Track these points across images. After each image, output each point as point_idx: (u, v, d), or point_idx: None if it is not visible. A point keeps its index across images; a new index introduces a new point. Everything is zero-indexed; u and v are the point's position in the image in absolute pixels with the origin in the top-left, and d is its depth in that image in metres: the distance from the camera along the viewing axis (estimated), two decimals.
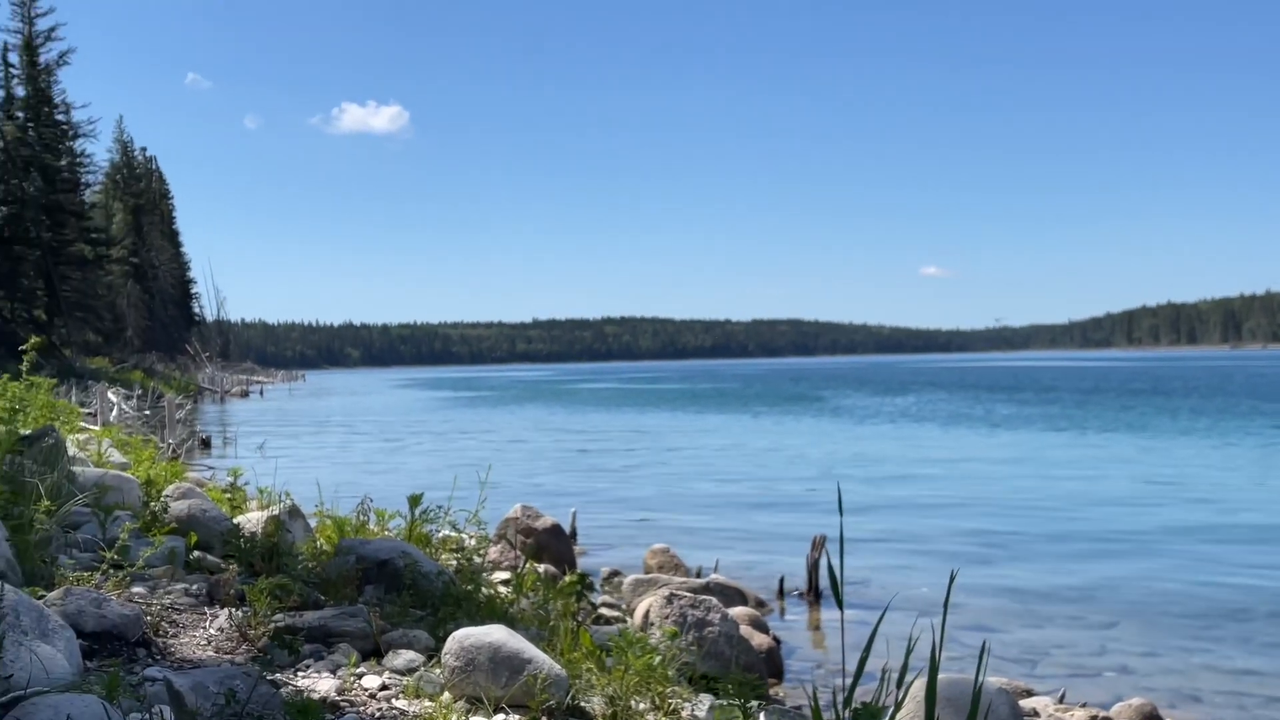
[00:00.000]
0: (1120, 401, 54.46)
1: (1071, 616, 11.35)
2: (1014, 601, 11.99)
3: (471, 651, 5.39)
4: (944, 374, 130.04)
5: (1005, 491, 21.36)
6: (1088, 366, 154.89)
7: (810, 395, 72.47)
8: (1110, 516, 18.01)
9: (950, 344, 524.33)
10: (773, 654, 8.81)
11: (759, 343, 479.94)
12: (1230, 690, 8.87)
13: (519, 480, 23.51)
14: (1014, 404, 55.74)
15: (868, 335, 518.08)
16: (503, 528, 12.35)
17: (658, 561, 12.31)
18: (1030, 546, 15.44)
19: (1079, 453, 29.45)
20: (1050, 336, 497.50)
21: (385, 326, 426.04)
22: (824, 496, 20.72)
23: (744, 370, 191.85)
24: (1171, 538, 15.98)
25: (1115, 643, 10.31)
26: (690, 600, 7.57)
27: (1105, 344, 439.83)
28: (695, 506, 19.74)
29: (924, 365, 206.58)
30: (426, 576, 7.35)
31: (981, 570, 13.71)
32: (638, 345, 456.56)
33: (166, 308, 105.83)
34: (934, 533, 16.62)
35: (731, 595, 10.52)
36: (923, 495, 20.88)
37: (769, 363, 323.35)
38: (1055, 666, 9.56)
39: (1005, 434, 36.20)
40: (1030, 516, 18.12)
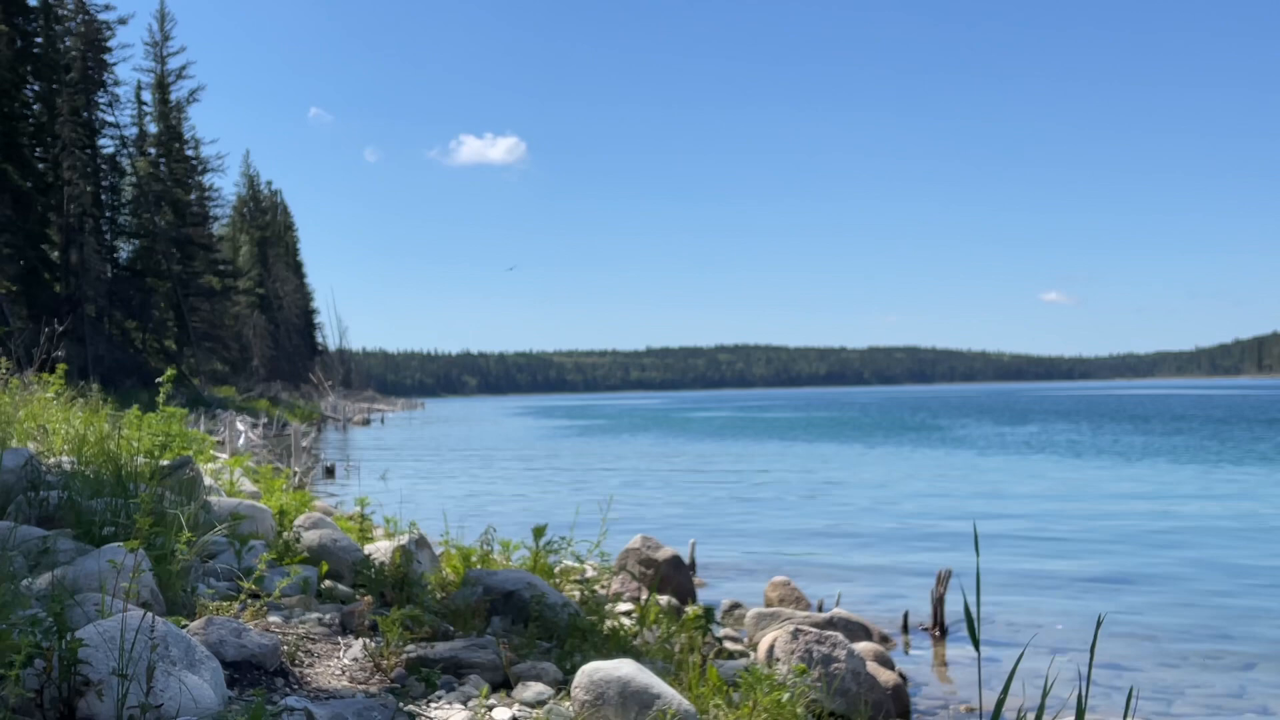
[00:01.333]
0: (1254, 432, 52.73)
1: (1207, 655, 11.00)
2: (1146, 639, 11.66)
3: (601, 685, 5.42)
4: (1067, 402, 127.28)
5: (1134, 525, 20.81)
6: (1217, 394, 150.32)
7: (929, 425, 71.46)
8: (1245, 552, 17.44)
9: (1073, 371, 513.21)
10: (899, 691, 8.68)
11: (874, 370, 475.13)
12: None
13: (637, 510, 23.57)
14: (1141, 433, 54.32)
15: (986, 363, 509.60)
16: (623, 558, 12.38)
17: (778, 594, 12.23)
18: (1161, 582, 15.01)
19: (1210, 485, 28.58)
20: (1177, 364, 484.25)
21: (501, 355, 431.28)
22: (946, 529, 20.42)
23: (860, 398, 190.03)
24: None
25: (1254, 684, 9.97)
26: (816, 636, 7.51)
27: (1235, 371, 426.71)
28: (814, 538, 19.58)
29: (1046, 393, 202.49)
30: (552, 608, 7.40)
31: (1111, 605, 13.36)
32: (751, 373, 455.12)
33: (291, 337, 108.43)
34: (1061, 567, 16.25)
35: (855, 630, 10.40)
36: (1048, 528, 20.44)
37: (885, 390, 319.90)
38: (1192, 707, 9.27)
39: (1132, 464, 35.29)
40: (1161, 551, 17.63)
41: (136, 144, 67.81)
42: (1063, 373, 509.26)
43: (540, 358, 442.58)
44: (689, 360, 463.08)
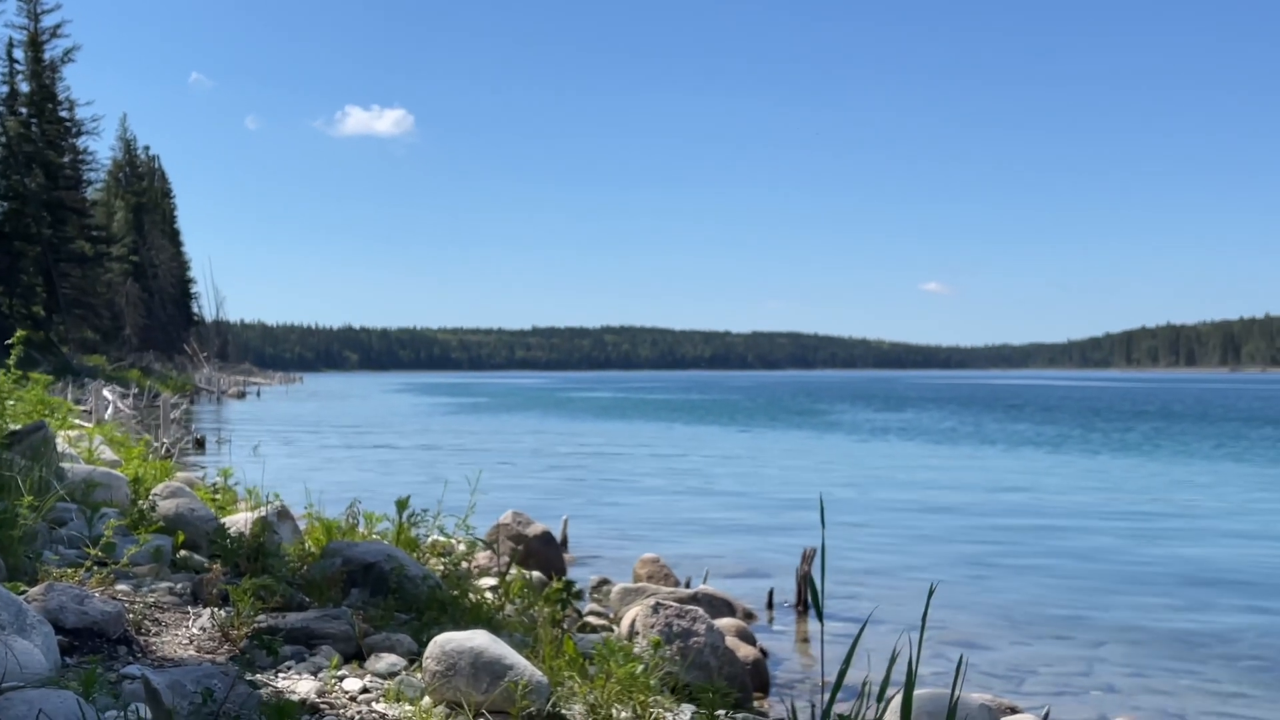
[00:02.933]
0: (1123, 423, 54.44)
1: (1060, 635, 11.34)
2: (1003, 619, 11.97)
3: (453, 656, 5.38)
4: (944, 390, 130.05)
5: (1001, 509, 21.35)
6: (1087, 386, 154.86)
7: (810, 409, 72.48)
8: (1104, 538, 18.00)
9: (950, 360, 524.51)
10: (759, 666, 8.80)
11: (758, 355, 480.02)
12: (1216, 712, 8.85)
13: (513, 488, 23.50)
14: (1013, 422, 55.74)
15: (867, 350, 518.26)
16: (493, 534, 12.34)
17: (647, 571, 12.29)
18: (1022, 565, 15.43)
19: (1075, 473, 29.45)
20: (1050, 355, 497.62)
21: (384, 330, 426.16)
22: (817, 511, 20.70)
23: (743, 382, 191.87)
24: (1164, 561, 15.97)
25: (1102, 663, 10.29)
26: (676, 610, 7.56)
27: (1104, 364, 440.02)
28: (690, 518, 19.73)
29: (924, 381, 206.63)
30: (412, 580, 7.34)
31: (972, 587, 13.71)
32: (637, 354, 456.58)
33: (165, 307, 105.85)
34: (928, 548, 16.61)
35: (719, 606, 10.50)
36: (919, 512, 20.87)
37: (768, 375, 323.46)
38: (1041, 684, 9.54)
39: (1002, 452, 36.19)
40: (1024, 535, 18.11)
41: (7, 103, 65.52)
42: (940, 361, 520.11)
43: (424, 334, 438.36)
44: (575, 340, 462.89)
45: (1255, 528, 19.17)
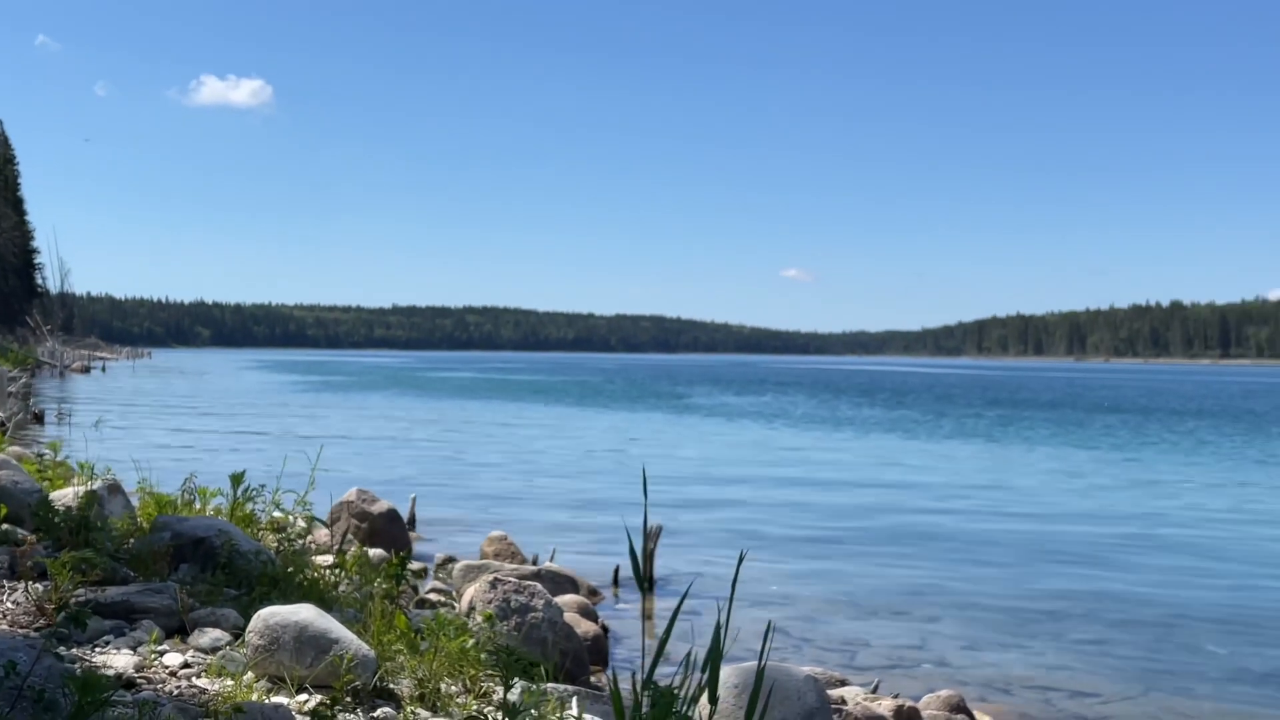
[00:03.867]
0: (973, 409, 55.98)
1: (897, 611, 11.64)
2: (843, 595, 12.25)
3: (276, 630, 5.29)
4: (803, 375, 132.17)
5: (849, 490, 21.81)
6: (940, 373, 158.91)
7: (669, 391, 73.00)
8: (944, 517, 18.51)
9: (808, 346, 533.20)
10: (599, 641, 8.85)
11: (621, 337, 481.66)
12: (1040, 684, 9.18)
13: (364, 466, 23.22)
14: (867, 407, 56.93)
15: (728, 334, 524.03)
16: (337, 511, 12.16)
17: (494, 549, 12.26)
18: (865, 543, 15.79)
19: (923, 456, 30.22)
20: (904, 342, 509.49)
21: (238, 306, 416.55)
22: (674, 491, 20.91)
23: (605, 364, 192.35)
24: (1002, 540, 16.48)
25: (936, 637, 10.60)
26: (514, 586, 7.56)
27: (956, 352, 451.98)
28: (544, 497, 19.73)
29: (783, 366, 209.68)
30: (244, 556, 7.19)
31: (818, 565, 13.99)
32: (499, 335, 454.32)
33: (6, 278, 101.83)
34: (778, 527, 16.88)
35: (563, 583, 10.53)
36: (772, 491, 21.20)
37: (631, 358, 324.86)
38: (875, 658, 9.79)
39: (855, 434, 36.96)
40: (870, 515, 18.52)
41: None
42: (799, 347, 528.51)
43: (279, 311, 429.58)
44: (436, 320, 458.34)
45: (1092, 508, 19.89)
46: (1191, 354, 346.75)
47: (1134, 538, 16.67)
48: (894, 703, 7.14)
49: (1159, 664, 9.86)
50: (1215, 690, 9.13)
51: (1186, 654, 10.21)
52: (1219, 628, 11.22)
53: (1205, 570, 14.31)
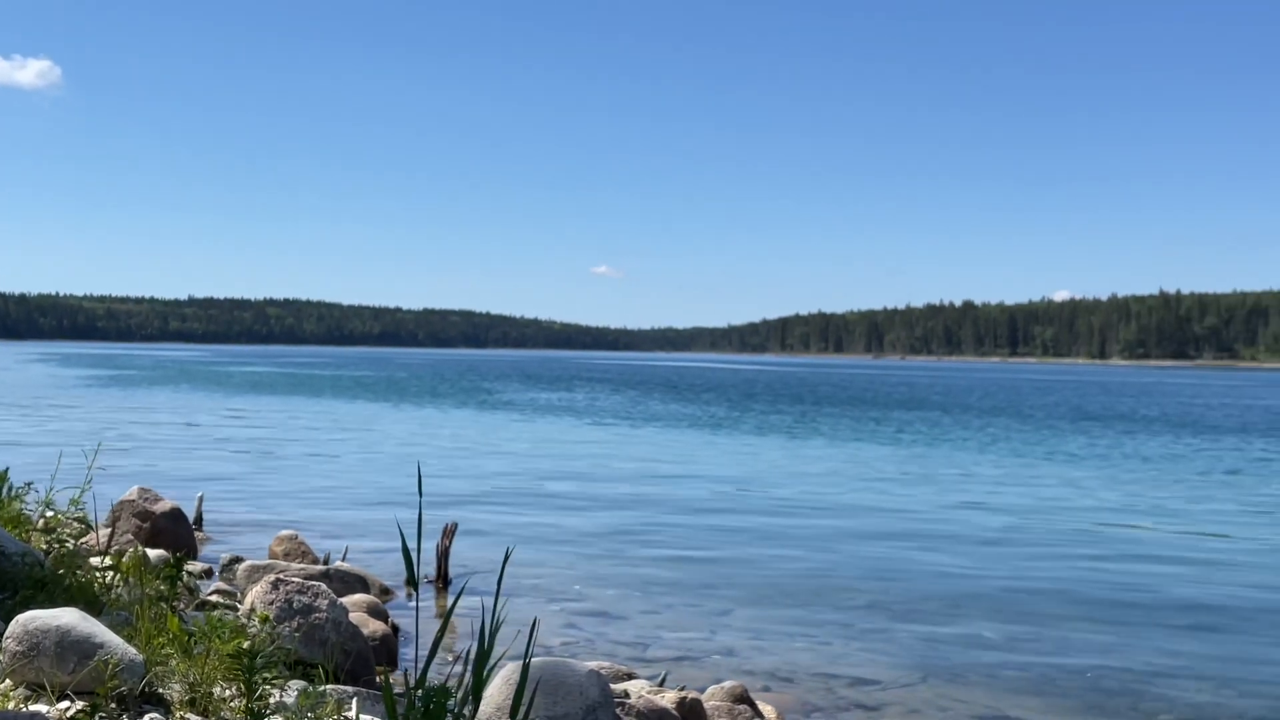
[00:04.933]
0: (776, 406, 57.21)
1: (690, 603, 11.83)
2: (639, 589, 12.38)
3: (36, 635, 5.08)
4: (613, 371, 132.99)
5: (653, 484, 22.04)
6: (744, 369, 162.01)
7: (479, 387, 72.56)
8: (742, 511, 18.89)
9: (618, 342, 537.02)
10: (388, 640, 8.75)
11: (429, 332, 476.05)
12: (823, 673, 9.47)
13: (150, 464, 22.42)
14: (675, 402, 57.65)
15: (539, 330, 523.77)
16: (117, 510, 11.71)
17: (284, 549, 11.99)
18: (663, 537, 15.99)
19: (725, 449, 30.78)
20: (711, 339, 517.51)
21: (23, 296, 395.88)
22: (480, 486, 20.82)
23: (413, 360, 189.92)
24: (793, 531, 16.90)
25: (726, 629, 10.82)
26: (297, 586, 7.41)
27: (761, 349, 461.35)
28: (342, 495, 19.40)
29: (593, 362, 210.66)
30: (9, 558, 6.87)
31: (614, 559, 14.11)
32: (302, 329, 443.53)
33: None
34: (581, 521, 16.96)
35: (353, 582, 10.37)
36: (577, 486, 21.28)
37: (439, 353, 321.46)
38: (666, 650, 9.93)
39: (661, 429, 37.39)
40: (670, 509, 18.77)
41: None
42: (609, 343, 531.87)
43: (67, 302, 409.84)
44: (235, 313, 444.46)
45: (883, 501, 20.53)
46: (982, 352, 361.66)
47: (921, 531, 17.31)
48: (677, 695, 7.26)
49: (937, 651, 10.27)
50: (987, 676, 9.56)
51: (963, 641, 10.66)
52: (996, 615, 11.75)
53: (988, 559, 14.95)
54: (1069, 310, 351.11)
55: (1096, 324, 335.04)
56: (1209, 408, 62.60)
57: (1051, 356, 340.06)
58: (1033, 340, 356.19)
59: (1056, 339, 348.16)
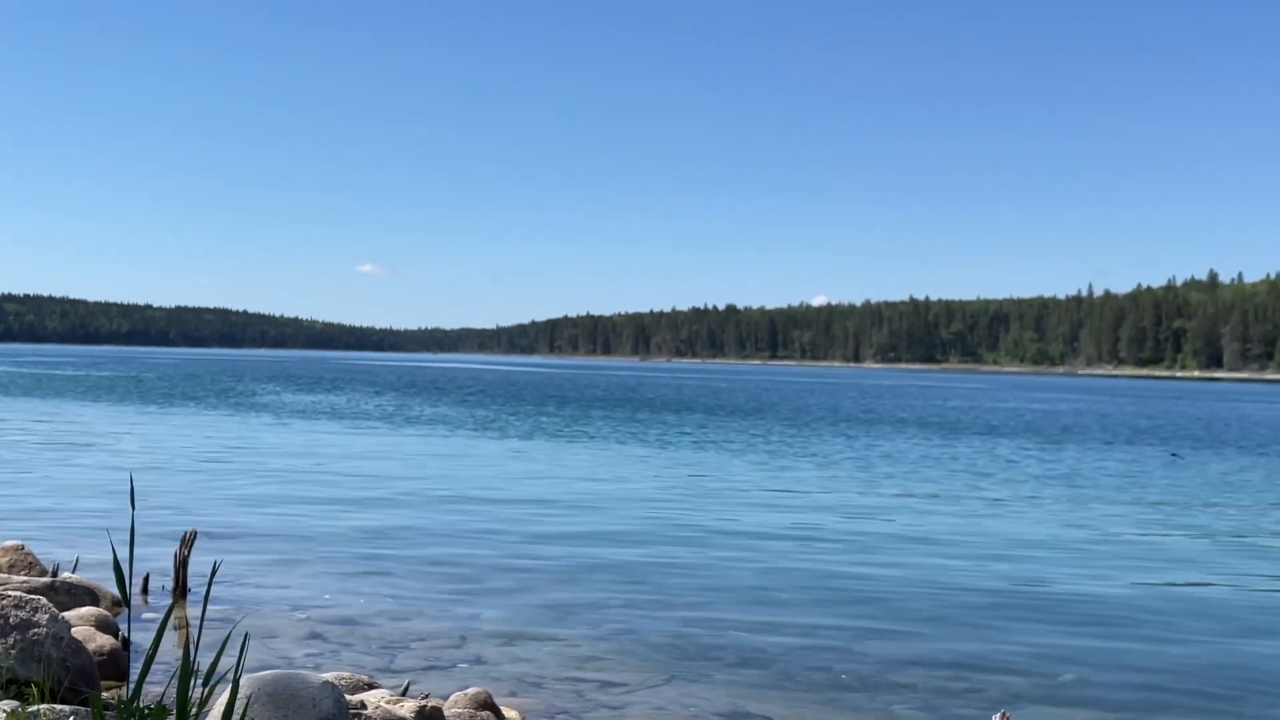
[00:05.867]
0: (543, 407, 57.27)
1: (441, 610, 11.71)
2: (390, 596, 12.19)
3: None
4: (378, 371, 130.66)
5: (411, 489, 21.72)
6: (513, 370, 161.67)
7: (234, 389, 70.14)
8: (497, 513, 18.83)
9: (384, 343, 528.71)
10: (116, 655, 8.34)
11: (182, 331, 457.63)
12: (571, 676, 9.51)
13: None
14: (442, 404, 57.07)
15: (300, 329, 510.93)
16: None
17: (9, 560, 11.30)
18: (415, 541, 15.80)
19: (490, 452, 30.63)
20: (480, 340, 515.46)
21: None
22: (225, 493, 20.13)
23: (163, 359, 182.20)
24: (547, 533, 16.93)
25: (476, 635, 10.75)
26: (15, 600, 6.99)
27: (530, 350, 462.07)
28: (76, 504, 18.42)
29: (357, 362, 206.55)
30: None
31: (363, 566, 13.86)
32: (43, 327, 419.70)
33: None
34: (332, 528, 16.58)
35: (81, 595, 9.86)
36: (330, 493, 20.81)
37: (192, 352, 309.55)
38: (414, 659, 9.80)
39: (424, 432, 36.94)
40: (424, 514, 18.56)
41: None
42: (374, 343, 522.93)
43: None
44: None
45: (643, 502, 20.78)
46: (744, 355, 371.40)
47: (676, 530, 17.58)
48: (417, 704, 7.17)
49: (684, 651, 10.45)
50: (731, 674, 9.78)
51: (711, 639, 10.87)
52: (744, 612, 12.04)
53: (736, 556, 15.30)
54: (826, 315, 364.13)
55: (851, 328, 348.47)
56: (963, 411, 65.86)
57: (809, 359, 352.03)
58: (792, 343, 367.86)
59: (814, 342, 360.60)
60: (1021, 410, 67.15)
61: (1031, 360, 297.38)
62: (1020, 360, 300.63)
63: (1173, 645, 11.26)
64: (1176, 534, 18.98)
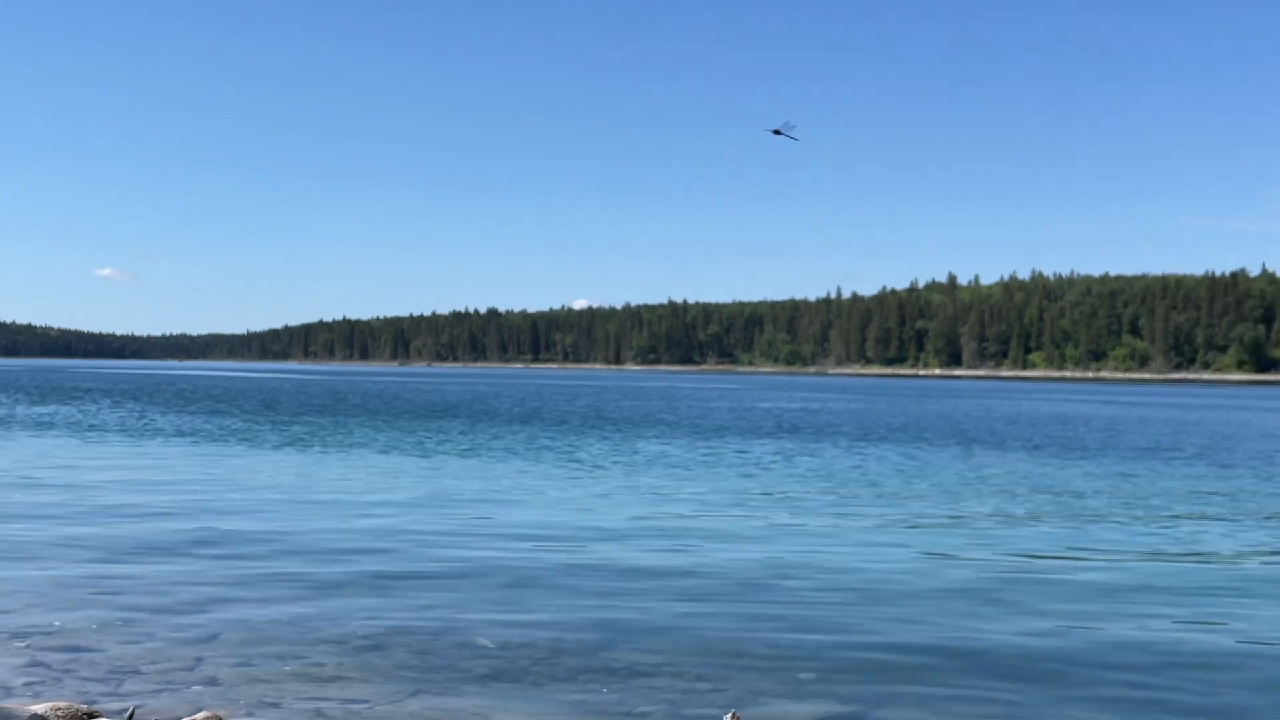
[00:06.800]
0: (298, 416, 55.72)
1: (174, 629, 11.20)
2: (118, 618, 11.58)
3: None
4: (118, 380, 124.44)
5: (147, 504, 20.74)
6: (266, 378, 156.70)
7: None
8: (239, 528, 18.16)
9: (125, 349, 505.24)
10: None
11: None
12: (312, 696, 9.23)
13: None
14: (187, 414, 54.78)
15: (33, 336, 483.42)
16: None
17: None
18: (150, 561, 15.07)
19: (240, 461, 29.57)
20: (229, 346, 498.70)
21: None
22: None
23: None
24: (296, 544, 16.43)
25: (213, 657, 10.31)
26: None
27: (284, 355, 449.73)
28: None
29: (95, 370, 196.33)
30: None
31: (92, 588, 13.13)
32: None
33: None
34: (60, 550, 15.67)
35: None
36: (60, 509, 19.67)
37: None
38: (145, 683, 9.34)
39: (165, 445, 35.40)
40: (158, 531, 17.74)
41: None
42: (114, 350, 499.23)
43: None
44: None
45: (387, 512, 20.37)
46: (506, 358, 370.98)
47: (428, 535, 17.31)
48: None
49: (431, 664, 10.27)
50: (480, 685, 9.67)
51: (458, 651, 10.72)
52: (494, 621, 11.92)
53: (487, 564, 15.15)
54: (587, 318, 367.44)
55: (612, 331, 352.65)
56: (736, 412, 67.28)
57: (572, 362, 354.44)
58: (554, 346, 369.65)
59: (576, 345, 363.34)
60: (779, 410, 69.13)
61: (785, 360, 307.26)
62: (774, 361, 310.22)
63: (909, 627, 11.72)
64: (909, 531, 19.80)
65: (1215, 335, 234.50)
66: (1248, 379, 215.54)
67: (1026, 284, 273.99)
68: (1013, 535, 18.86)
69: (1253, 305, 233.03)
